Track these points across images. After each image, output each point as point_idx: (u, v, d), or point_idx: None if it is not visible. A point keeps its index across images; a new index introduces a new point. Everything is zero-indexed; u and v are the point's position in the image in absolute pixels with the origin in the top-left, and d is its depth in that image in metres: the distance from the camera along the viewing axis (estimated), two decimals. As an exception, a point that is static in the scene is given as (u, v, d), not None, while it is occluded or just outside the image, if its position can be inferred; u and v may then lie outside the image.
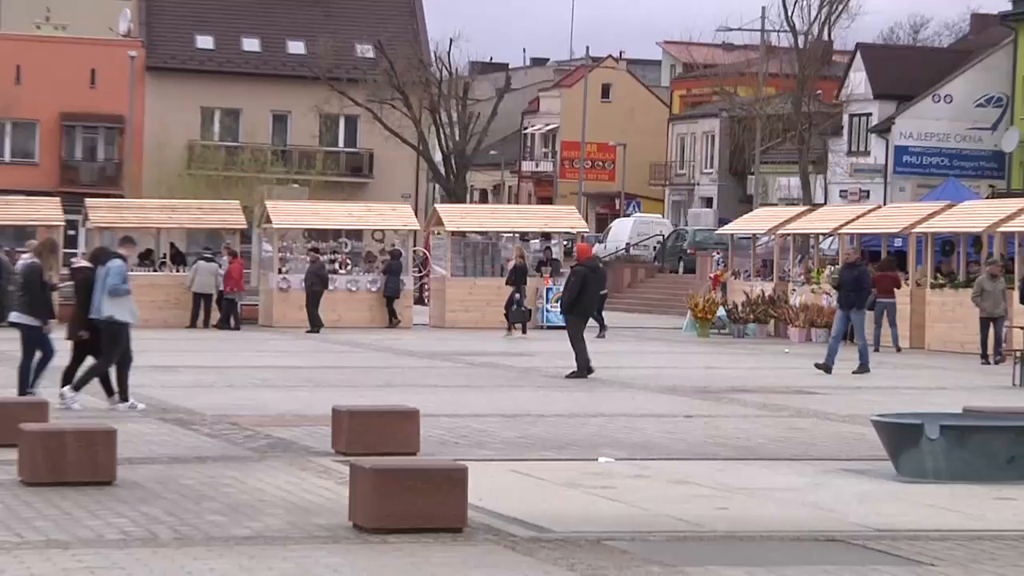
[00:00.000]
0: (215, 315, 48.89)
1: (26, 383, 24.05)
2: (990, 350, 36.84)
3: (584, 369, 30.64)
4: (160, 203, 59.55)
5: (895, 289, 43.04)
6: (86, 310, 24.09)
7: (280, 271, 50.95)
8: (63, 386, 23.76)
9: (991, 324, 35.75)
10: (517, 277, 48.52)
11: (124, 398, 23.95)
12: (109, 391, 23.97)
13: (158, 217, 54.48)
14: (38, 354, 24.25)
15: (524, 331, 46.43)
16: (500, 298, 48.84)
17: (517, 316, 46.94)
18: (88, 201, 55.37)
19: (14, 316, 24.66)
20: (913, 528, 14.19)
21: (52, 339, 24.21)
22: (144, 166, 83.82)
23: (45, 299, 24.43)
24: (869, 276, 38.72)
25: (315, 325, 46.17)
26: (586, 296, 31.63)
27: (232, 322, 48.44)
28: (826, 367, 32.17)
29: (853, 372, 32.28)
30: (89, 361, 24.15)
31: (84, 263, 26.05)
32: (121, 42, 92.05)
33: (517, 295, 47.71)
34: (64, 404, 23.21)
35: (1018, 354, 31.86)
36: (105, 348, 23.78)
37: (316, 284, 47.15)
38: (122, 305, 23.89)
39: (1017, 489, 16.48)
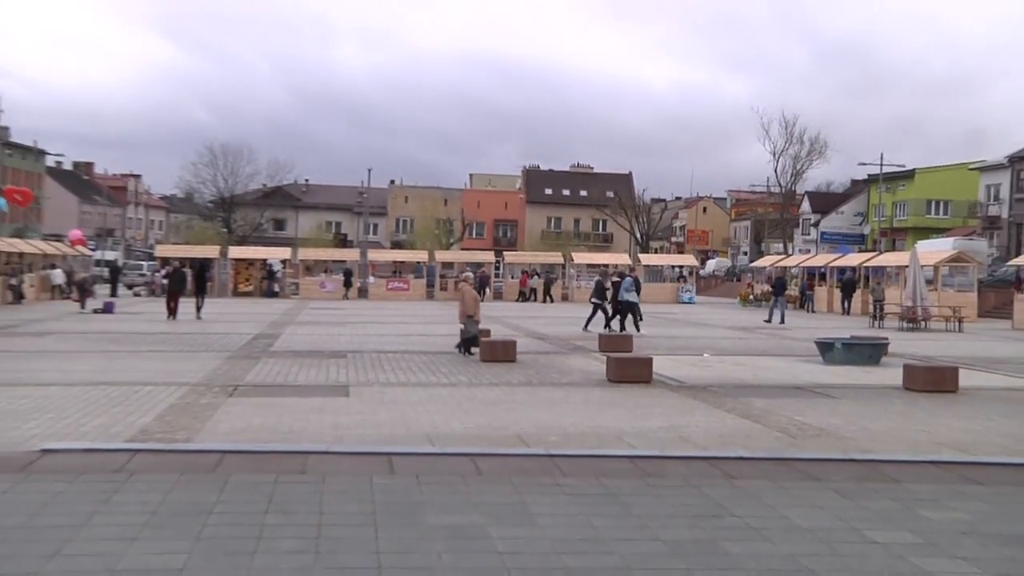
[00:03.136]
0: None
1: (587, 325, 23.97)
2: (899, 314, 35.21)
3: (637, 326, 28.94)
4: (530, 254, 59.93)
5: (812, 288, 42.13)
6: (616, 297, 24.18)
7: (575, 281, 50.16)
8: (604, 327, 23.62)
9: (876, 304, 33.78)
10: (597, 289, 47.51)
11: (623, 328, 23.40)
12: (622, 328, 23.62)
13: (530, 260, 54.44)
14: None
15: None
16: (665, 294, 47.88)
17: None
18: (506, 253, 56.18)
19: (594, 300, 24.58)
20: (829, 383, 13.72)
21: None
22: (526, 240, 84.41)
23: (603, 292, 24.70)
24: (787, 281, 37.05)
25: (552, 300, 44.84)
26: (639, 291, 30.52)
27: (550, 298, 45.91)
28: (771, 321, 30.26)
29: (764, 321, 30.20)
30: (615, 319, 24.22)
31: (615, 278, 26.11)
32: (516, 191, 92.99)
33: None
34: (610, 331, 22.82)
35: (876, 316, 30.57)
36: (631, 312, 23.71)
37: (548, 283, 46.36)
38: (632, 295, 23.86)
39: (874, 369, 15.86)
